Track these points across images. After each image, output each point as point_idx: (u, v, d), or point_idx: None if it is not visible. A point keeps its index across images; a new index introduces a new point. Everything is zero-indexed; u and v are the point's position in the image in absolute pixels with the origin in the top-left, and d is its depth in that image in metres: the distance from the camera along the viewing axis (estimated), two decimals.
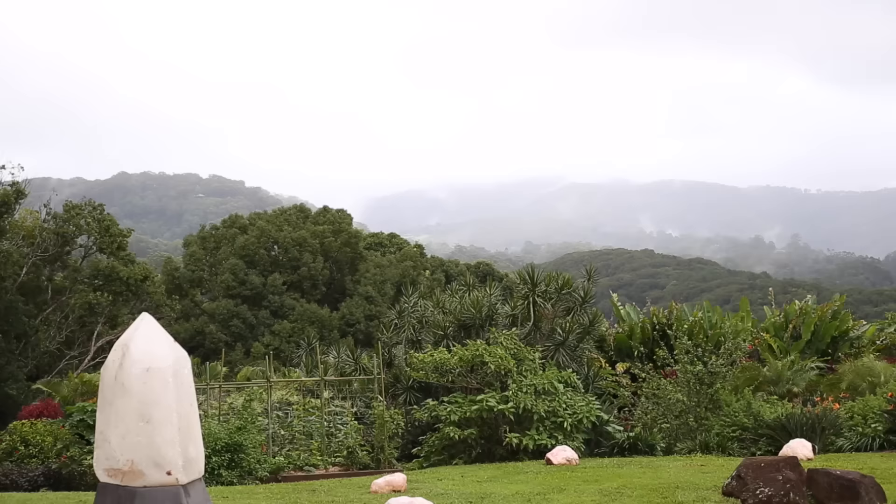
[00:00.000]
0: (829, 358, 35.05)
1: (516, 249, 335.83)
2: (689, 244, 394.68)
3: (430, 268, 77.43)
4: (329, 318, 65.86)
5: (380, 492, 16.23)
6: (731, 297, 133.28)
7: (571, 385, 24.72)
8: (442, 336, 29.48)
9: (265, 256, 68.89)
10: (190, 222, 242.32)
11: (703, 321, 35.91)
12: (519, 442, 22.46)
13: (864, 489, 13.27)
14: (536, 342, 28.53)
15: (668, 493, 14.74)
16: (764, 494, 13.18)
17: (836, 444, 22.74)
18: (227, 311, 65.32)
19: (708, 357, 25.99)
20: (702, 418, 24.87)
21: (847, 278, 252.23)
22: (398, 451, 25.34)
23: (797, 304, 38.64)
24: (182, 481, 8.59)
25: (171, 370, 8.67)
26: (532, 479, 17.42)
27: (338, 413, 26.39)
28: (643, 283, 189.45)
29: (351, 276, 71.00)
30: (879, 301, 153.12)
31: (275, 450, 23.45)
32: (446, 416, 23.12)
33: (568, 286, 31.06)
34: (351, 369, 31.78)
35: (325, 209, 76.38)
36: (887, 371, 27.86)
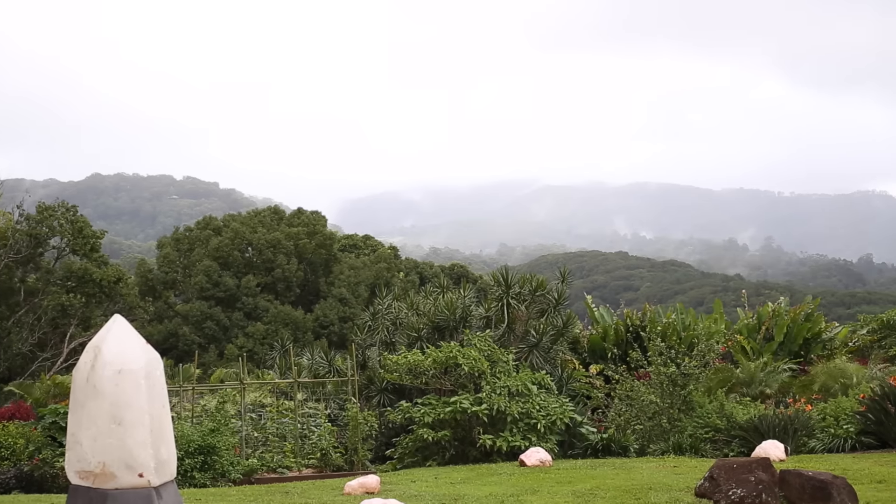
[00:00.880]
0: (801, 360, 35.21)
1: (491, 251, 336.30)
2: (663, 246, 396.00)
3: (405, 270, 77.53)
4: (303, 320, 65.82)
5: (353, 493, 16.22)
6: (704, 299, 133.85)
7: (545, 387, 24.74)
8: (416, 338, 29.49)
9: (239, 258, 68.78)
10: (164, 224, 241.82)
11: (676, 323, 36.04)
12: (492, 443, 22.47)
13: (836, 490, 13.33)
14: (510, 344, 28.57)
15: (641, 495, 14.77)
16: (736, 495, 13.24)
17: (808, 445, 22.83)
18: (201, 312, 65.20)
19: (681, 359, 26.07)
20: (675, 420, 24.95)
21: (820, 280, 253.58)
22: (372, 452, 25.36)
23: (770, 306, 38.81)
24: (154, 483, 8.57)
25: (144, 372, 8.65)
26: (505, 481, 17.43)
27: (311, 415, 26.39)
28: (617, 285, 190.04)
29: (325, 278, 70.97)
30: (852, 303, 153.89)
31: (248, 452, 23.43)
32: (420, 417, 23.12)
33: (542, 288, 31.12)
34: (325, 371, 31.79)
35: (300, 211, 76.35)
36: (859, 373, 28.01)
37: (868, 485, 15.16)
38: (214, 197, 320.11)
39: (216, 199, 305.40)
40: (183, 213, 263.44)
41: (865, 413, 22.44)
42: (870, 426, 22.34)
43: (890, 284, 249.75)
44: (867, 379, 26.63)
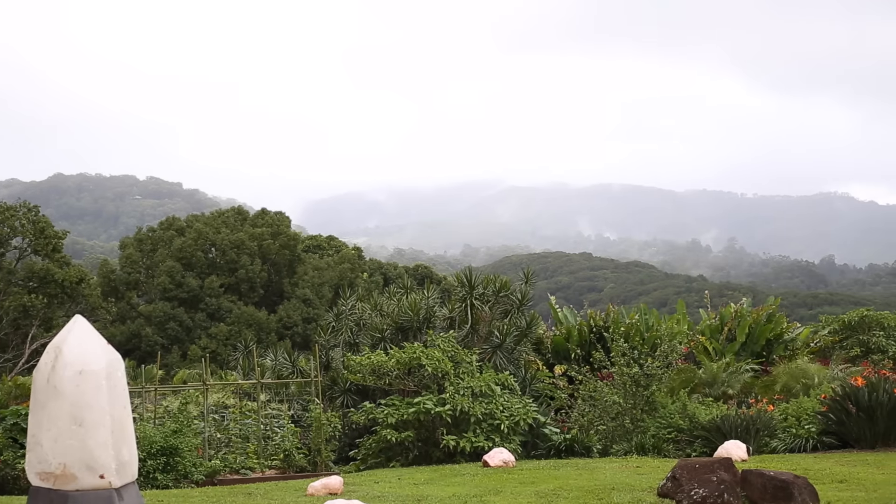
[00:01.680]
0: (763, 360, 35.37)
1: (455, 252, 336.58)
2: (626, 247, 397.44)
3: (369, 270, 77.44)
4: (266, 321, 65.67)
5: (316, 494, 16.19)
6: (668, 300, 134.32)
7: (508, 387, 24.77)
8: (379, 339, 29.48)
9: (202, 259, 68.53)
10: (127, 224, 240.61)
11: (639, 324, 36.11)
12: (456, 444, 22.47)
13: (798, 490, 13.40)
14: (474, 345, 28.59)
15: (603, 495, 14.81)
16: (698, 495, 13.28)
17: (770, 445, 22.94)
18: (164, 313, 64.94)
19: (644, 359, 26.14)
20: (638, 420, 25.01)
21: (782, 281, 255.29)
22: (335, 453, 25.31)
23: (732, 307, 38.96)
24: (115, 485, 8.54)
25: (105, 373, 8.61)
26: (469, 482, 17.44)
27: (274, 416, 26.32)
28: (581, 286, 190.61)
29: (289, 279, 70.82)
30: (814, 304, 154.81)
31: (211, 453, 23.33)
32: (383, 418, 23.09)
33: (505, 289, 31.15)
34: (288, 372, 31.72)
35: (264, 211, 76.14)
36: (821, 373, 28.15)
37: (829, 484, 15.26)
38: (178, 197, 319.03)
39: (179, 200, 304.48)
40: (146, 214, 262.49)
41: (827, 413, 22.57)
42: (831, 426, 22.47)
43: (851, 285, 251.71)
44: (829, 379, 26.76)
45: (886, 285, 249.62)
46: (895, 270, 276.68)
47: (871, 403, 21.66)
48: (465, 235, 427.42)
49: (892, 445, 21.69)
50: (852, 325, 42.49)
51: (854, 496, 14.01)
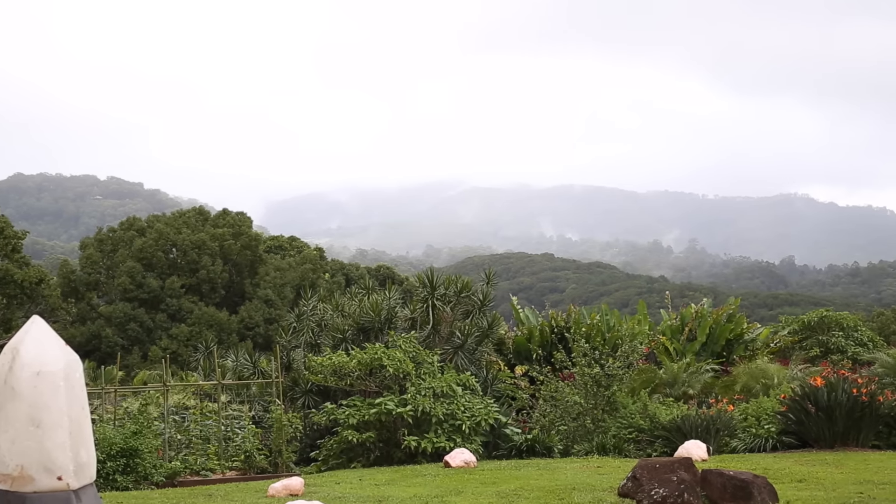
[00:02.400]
0: (723, 360, 35.58)
1: (417, 253, 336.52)
2: (588, 248, 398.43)
3: (331, 271, 77.37)
4: (228, 322, 65.47)
5: (277, 496, 16.15)
6: (629, 301, 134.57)
7: (470, 388, 24.78)
8: (341, 339, 29.46)
9: (163, 259, 68.24)
10: (87, 225, 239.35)
11: (600, 324, 36.24)
12: (417, 445, 22.47)
13: (757, 489, 13.48)
14: (435, 345, 28.61)
15: (564, 495, 14.83)
16: (659, 495, 13.32)
17: (730, 445, 23.07)
18: (125, 314, 64.61)
19: (605, 359, 26.23)
20: (599, 420, 25.09)
21: (743, 282, 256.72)
22: (296, 454, 25.26)
23: (693, 308, 39.17)
24: (73, 486, 8.49)
25: (63, 374, 8.56)
26: (430, 482, 17.44)
27: (235, 417, 26.21)
28: (543, 287, 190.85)
29: (250, 280, 70.62)
30: (774, 304, 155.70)
31: (171, 454, 23.22)
32: (345, 419, 23.06)
33: (467, 289, 31.19)
34: (249, 373, 31.66)
35: (225, 212, 75.85)
36: (780, 373, 28.35)
37: (789, 484, 15.35)
38: (139, 197, 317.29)
39: (141, 200, 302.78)
40: (107, 214, 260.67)
41: (786, 413, 22.72)
42: (790, 426, 22.62)
43: (811, 286, 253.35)
44: (788, 379, 26.96)
45: (846, 286, 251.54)
46: (855, 271, 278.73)
47: (830, 403, 21.82)
48: (427, 236, 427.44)
49: (851, 445, 21.85)
50: (812, 325, 42.88)
51: (813, 495, 14.09)
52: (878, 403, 22.16)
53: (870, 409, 22.00)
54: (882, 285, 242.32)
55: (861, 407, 21.87)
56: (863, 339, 42.90)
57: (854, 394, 21.83)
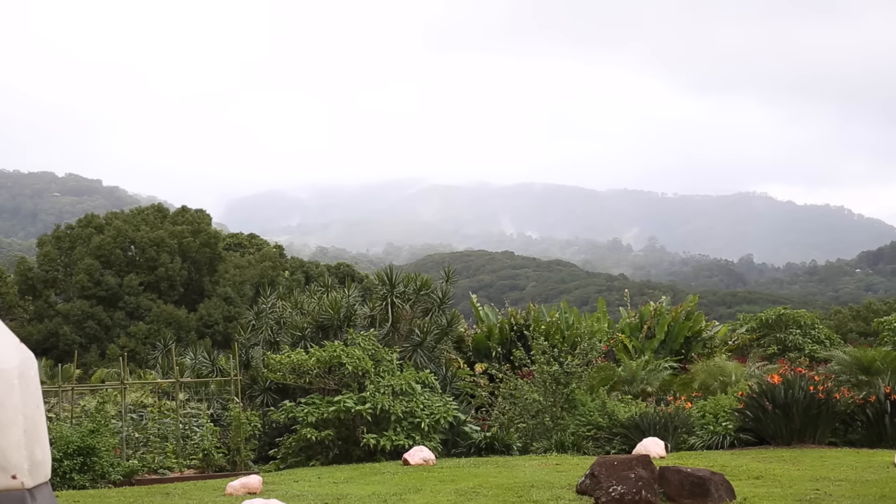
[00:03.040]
0: (682, 358, 35.75)
1: (378, 251, 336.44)
2: (548, 246, 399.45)
3: (290, 269, 77.16)
4: (186, 320, 65.17)
5: (235, 494, 16.10)
6: (589, 299, 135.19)
7: (429, 386, 24.77)
8: (300, 337, 29.38)
9: (121, 257, 67.80)
10: (45, 222, 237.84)
11: (560, 322, 36.31)
12: (376, 443, 22.44)
13: (714, 486, 13.56)
14: (395, 343, 28.58)
15: (523, 492, 14.87)
16: (616, 492, 13.37)
17: (688, 442, 23.19)
18: (82, 312, 64.19)
19: (564, 357, 26.29)
20: (558, 418, 25.14)
21: (702, 280, 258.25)
22: (255, 453, 25.16)
23: (652, 306, 39.35)
24: (28, 485, 8.42)
25: (17, 371, 8.49)
26: (389, 480, 17.43)
27: (194, 415, 26.08)
28: (503, 285, 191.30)
29: (209, 277, 70.32)
30: (733, 302, 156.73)
31: (129, 453, 23.09)
32: (303, 417, 23.01)
33: (426, 287, 31.18)
34: (208, 371, 31.53)
35: (184, 209, 75.48)
36: (738, 370, 28.51)
37: (746, 481, 15.44)
38: (97, 194, 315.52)
39: (99, 197, 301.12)
40: (65, 211, 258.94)
41: (744, 410, 22.85)
42: (748, 423, 22.76)
43: (769, 284, 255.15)
44: (746, 377, 27.10)
45: (804, 284, 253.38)
46: (812, 270, 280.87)
47: (787, 401, 21.98)
48: (387, 234, 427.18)
49: (808, 442, 22.03)
50: (770, 323, 43.13)
51: (770, 492, 14.18)
52: (835, 401, 22.34)
53: (826, 407, 22.17)
54: (839, 283, 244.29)
55: (818, 404, 22.04)
56: (820, 336, 43.19)
57: (811, 391, 22.00)
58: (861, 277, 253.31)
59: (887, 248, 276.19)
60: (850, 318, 72.84)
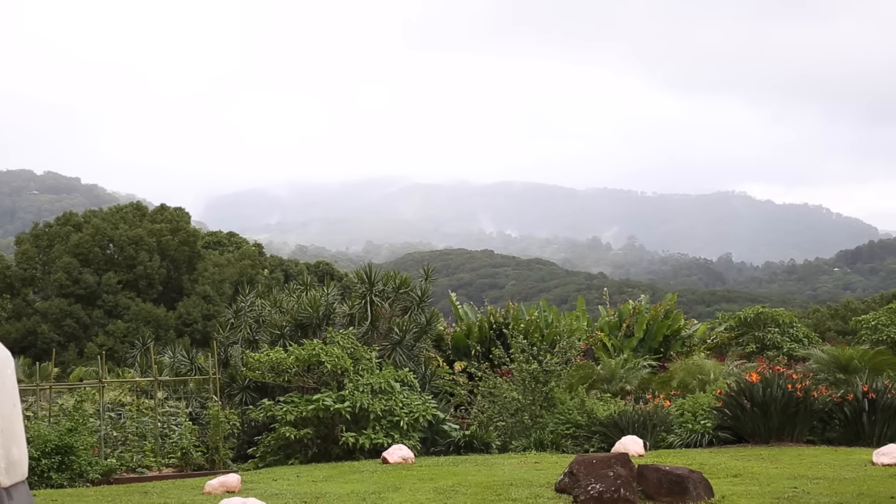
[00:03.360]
0: (661, 356, 35.79)
1: (357, 249, 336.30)
2: (528, 245, 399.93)
3: (270, 267, 77.07)
4: (165, 318, 65.00)
5: (213, 493, 16.07)
6: (568, 297, 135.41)
7: (408, 384, 24.78)
8: (279, 335, 29.33)
9: (100, 255, 67.59)
10: (23, 220, 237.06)
11: (539, 320, 36.34)
12: (355, 441, 22.44)
13: (692, 484, 13.60)
14: (374, 341, 28.58)
15: (501, 491, 14.88)
16: (595, 490, 13.40)
17: (666, 440, 23.22)
18: (60, 310, 63.98)
19: (543, 356, 26.31)
20: (536, 416, 25.17)
21: (681, 279, 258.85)
22: (233, 451, 25.15)
23: (631, 304, 39.39)
24: (4, 484, 8.37)
25: None
26: (368, 479, 17.42)
27: (172, 414, 26.04)
28: (483, 283, 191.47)
29: (188, 276, 70.16)
30: (712, 301, 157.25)
31: (107, 451, 23.03)
32: (282, 415, 22.99)
33: (405, 285, 31.17)
34: (186, 369, 31.44)
35: (163, 207, 75.31)
36: (717, 369, 28.56)
37: (724, 479, 15.48)
38: (76, 193, 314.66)
39: (78, 195, 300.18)
40: (43, 209, 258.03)
41: (722, 409, 22.90)
42: (726, 421, 22.81)
43: (748, 283, 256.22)
44: (724, 375, 27.16)
45: (782, 283, 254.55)
46: (791, 268, 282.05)
47: (765, 399, 22.02)
48: (368, 232, 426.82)
49: (786, 440, 22.08)
50: (748, 321, 43.23)
51: (748, 490, 14.23)
52: (813, 399, 22.39)
53: (804, 405, 22.22)
54: (818, 282, 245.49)
55: (796, 402, 22.09)
56: (798, 335, 43.32)
57: (789, 389, 22.05)
58: (839, 276, 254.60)
59: (865, 248, 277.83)
60: (828, 317, 73.11)
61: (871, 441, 21.98)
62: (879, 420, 22.62)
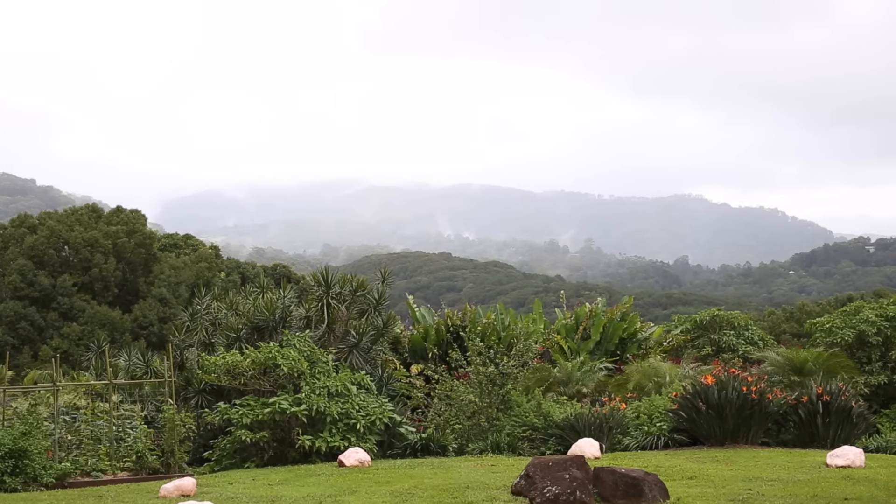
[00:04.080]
0: (617, 359, 35.91)
1: (315, 252, 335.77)
2: (485, 248, 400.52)
3: (226, 270, 76.83)
4: (121, 321, 64.60)
5: (168, 496, 16.01)
6: (526, 300, 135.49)
7: (365, 387, 24.75)
8: (235, 338, 29.22)
9: (55, 257, 67.10)
10: None
11: (496, 323, 36.41)
12: (312, 444, 22.39)
13: (648, 486, 13.66)
14: (330, 344, 28.55)
15: (458, 493, 14.89)
16: (551, 493, 13.43)
17: (623, 442, 23.30)
18: (15, 312, 63.44)
19: (500, 358, 26.38)
20: (493, 419, 25.22)
21: (638, 282, 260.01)
22: (189, 455, 25.02)
23: (588, 307, 39.47)
24: None
25: None
26: (324, 482, 17.40)
27: (127, 417, 25.88)
28: (440, 286, 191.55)
29: (144, 278, 69.76)
30: (668, 304, 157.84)
31: (61, 455, 22.86)
32: (238, 419, 22.90)
33: (362, 288, 31.16)
34: (142, 372, 31.30)
35: (119, 209, 74.86)
36: (672, 371, 28.66)
37: (679, 481, 15.55)
38: (31, 194, 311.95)
39: (33, 197, 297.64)
40: None
41: (678, 411, 23.00)
42: (682, 424, 22.91)
43: (704, 286, 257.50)
44: (680, 378, 27.25)
45: (738, 286, 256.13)
46: (747, 271, 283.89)
47: (720, 401, 22.14)
48: (325, 234, 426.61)
49: (741, 442, 22.21)
50: (704, 324, 43.35)
51: (703, 492, 14.30)
52: (768, 401, 22.54)
53: (759, 407, 22.36)
54: (773, 285, 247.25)
55: (751, 405, 22.23)
56: (753, 337, 43.46)
57: (744, 392, 22.18)
58: (794, 279, 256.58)
59: (820, 251, 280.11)
60: (783, 320, 73.47)
61: (825, 443, 22.15)
62: (833, 422, 22.81)
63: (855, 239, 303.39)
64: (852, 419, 23.20)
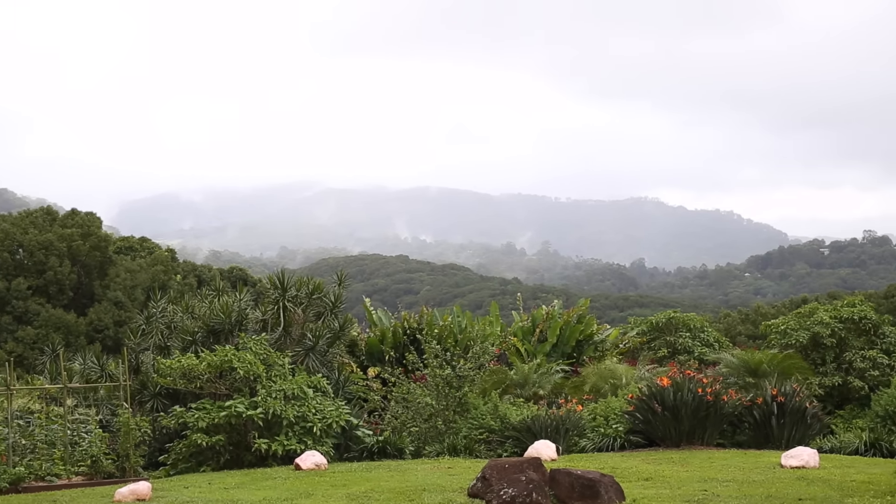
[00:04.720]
0: (574, 361, 36.06)
1: (272, 255, 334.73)
2: (443, 250, 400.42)
3: (182, 272, 76.46)
4: (76, 324, 64.16)
5: (123, 501, 15.94)
6: (483, 303, 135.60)
7: (321, 390, 24.72)
8: (191, 341, 29.11)
9: (9, 260, 66.58)
10: None
11: (453, 325, 36.45)
12: (268, 448, 22.33)
13: (604, 488, 13.71)
14: (287, 347, 28.49)
15: (414, 496, 14.91)
16: (508, 495, 13.46)
17: (579, 444, 23.41)
18: None
19: (456, 361, 26.41)
20: (450, 421, 25.25)
21: (594, 284, 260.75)
22: (145, 459, 24.88)
23: (544, 309, 39.60)
24: None
25: None
26: (280, 485, 17.37)
27: (82, 421, 25.71)
28: (398, 289, 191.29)
29: (100, 281, 69.33)
30: (625, 306, 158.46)
31: (15, 460, 22.69)
32: (194, 422, 22.81)
33: (319, 291, 31.11)
34: (97, 376, 31.09)
35: (74, 212, 74.38)
36: (629, 373, 28.82)
37: (635, 482, 15.63)
38: None
39: None
40: None
41: (634, 413, 23.13)
42: (638, 425, 23.04)
43: (661, 288, 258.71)
44: (636, 380, 27.42)
45: (694, 288, 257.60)
46: (703, 274, 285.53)
47: (676, 403, 22.28)
48: (282, 237, 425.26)
49: (697, 444, 22.35)
50: (660, 326, 43.62)
51: (659, 493, 14.37)
52: (723, 403, 22.71)
53: (714, 409, 22.52)
54: (729, 287, 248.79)
55: (706, 406, 22.38)
56: (709, 339, 43.78)
57: (699, 393, 22.33)
58: (750, 281, 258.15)
59: (775, 253, 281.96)
60: (738, 322, 73.89)
61: (780, 444, 22.33)
62: (788, 423, 23.00)
63: (810, 241, 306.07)
64: (807, 420, 23.42)
